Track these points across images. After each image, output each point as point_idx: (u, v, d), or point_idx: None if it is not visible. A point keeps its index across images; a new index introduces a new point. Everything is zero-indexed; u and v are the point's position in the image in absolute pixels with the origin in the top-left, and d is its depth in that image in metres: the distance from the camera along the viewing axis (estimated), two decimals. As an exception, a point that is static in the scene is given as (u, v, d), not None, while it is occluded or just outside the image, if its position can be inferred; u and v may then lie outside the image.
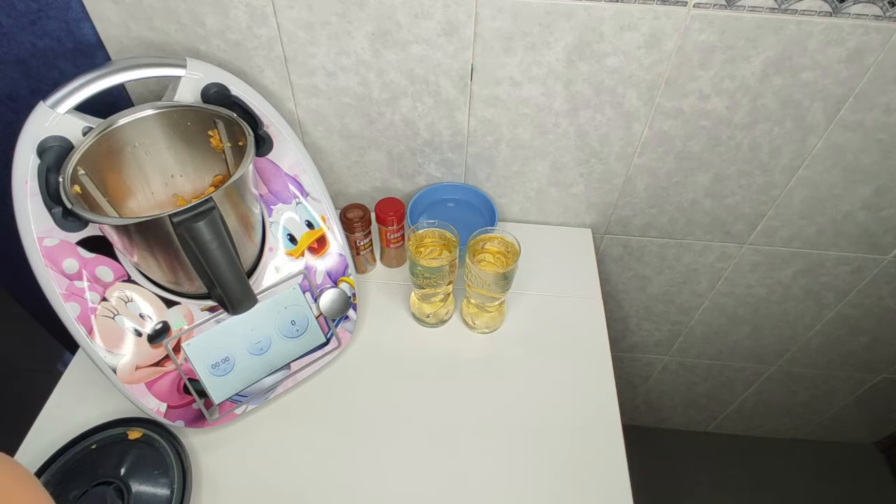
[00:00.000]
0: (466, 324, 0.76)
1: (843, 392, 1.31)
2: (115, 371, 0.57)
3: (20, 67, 0.70)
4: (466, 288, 0.71)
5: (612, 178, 0.82)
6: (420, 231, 0.70)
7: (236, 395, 0.64)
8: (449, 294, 0.75)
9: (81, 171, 0.52)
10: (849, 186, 0.80)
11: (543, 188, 0.85)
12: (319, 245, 0.67)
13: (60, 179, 0.50)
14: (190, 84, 0.59)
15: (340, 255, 0.69)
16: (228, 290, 0.51)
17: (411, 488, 0.62)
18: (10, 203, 0.52)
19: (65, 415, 0.65)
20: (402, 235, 0.78)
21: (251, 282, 0.59)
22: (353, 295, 0.71)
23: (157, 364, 0.59)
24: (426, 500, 0.61)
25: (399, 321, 0.77)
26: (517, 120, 0.74)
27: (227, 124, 0.58)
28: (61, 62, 0.70)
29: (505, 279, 0.67)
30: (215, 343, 0.61)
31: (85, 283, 0.55)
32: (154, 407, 0.60)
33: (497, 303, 0.73)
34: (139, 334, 0.57)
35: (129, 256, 0.55)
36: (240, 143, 0.56)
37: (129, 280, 0.57)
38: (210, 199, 0.48)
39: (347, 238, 0.72)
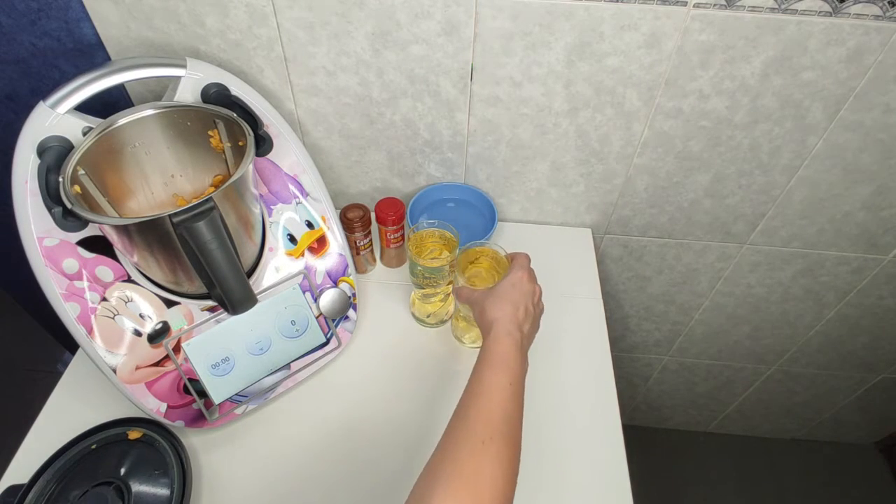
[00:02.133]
0: (458, 339, 0.75)
1: (843, 392, 1.31)
2: (115, 371, 0.57)
3: (20, 67, 0.70)
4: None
5: (612, 178, 0.82)
6: (420, 231, 0.70)
7: (236, 395, 0.64)
8: (449, 294, 0.75)
9: (81, 171, 0.52)
10: (849, 186, 0.80)
11: (543, 188, 0.85)
12: (319, 245, 0.67)
13: (60, 179, 0.50)
14: (190, 84, 0.59)
15: (340, 255, 0.69)
16: (228, 290, 0.51)
17: (412, 488, 0.62)
18: (10, 203, 0.52)
19: (65, 415, 0.65)
20: (402, 235, 0.78)
21: (251, 282, 0.59)
22: (353, 295, 0.71)
23: (157, 364, 0.59)
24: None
25: (399, 321, 0.77)
26: (517, 120, 0.74)
27: (227, 124, 0.58)
28: (61, 62, 0.70)
29: None
30: (215, 343, 0.61)
31: (85, 283, 0.55)
32: (154, 407, 0.60)
33: None
34: (139, 334, 0.57)
35: (129, 256, 0.55)
36: (240, 143, 0.56)
37: (129, 280, 0.57)
38: (210, 199, 0.48)
39: (347, 238, 0.72)
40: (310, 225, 0.66)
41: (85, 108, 0.55)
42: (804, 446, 1.54)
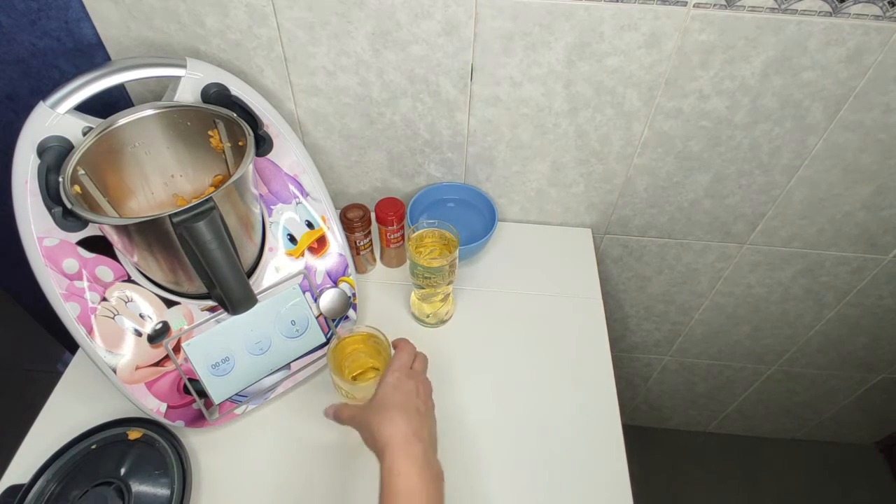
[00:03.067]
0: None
1: (843, 392, 1.31)
2: (115, 371, 0.57)
3: (20, 67, 0.70)
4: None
5: (612, 178, 0.82)
6: (420, 231, 0.70)
7: (236, 395, 0.64)
8: (449, 294, 0.75)
9: (81, 171, 0.52)
10: (849, 186, 0.80)
11: (543, 188, 0.85)
12: (319, 245, 0.67)
13: (60, 179, 0.50)
14: (190, 84, 0.59)
15: (340, 255, 0.69)
16: (228, 290, 0.51)
17: (411, 488, 0.62)
18: (10, 203, 0.52)
19: (65, 415, 0.65)
20: (402, 235, 0.78)
21: (251, 282, 0.59)
22: (353, 295, 0.71)
23: (157, 364, 0.59)
24: (426, 500, 0.61)
25: (399, 321, 0.77)
26: (517, 120, 0.74)
27: (227, 124, 0.58)
28: (61, 62, 0.70)
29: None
30: (215, 343, 0.61)
31: (85, 283, 0.55)
32: (154, 407, 0.60)
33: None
34: (139, 334, 0.57)
35: (129, 256, 0.55)
36: (240, 143, 0.56)
37: (129, 280, 0.57)
38: (210, 199, 0.48)
39: (347, 238, 0.72)
40: (310, 225, 0.66)
41: (85, 108, 0.55)
42: (804, 446, 1.54)
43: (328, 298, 0.67)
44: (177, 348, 0.59)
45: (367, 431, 0.50)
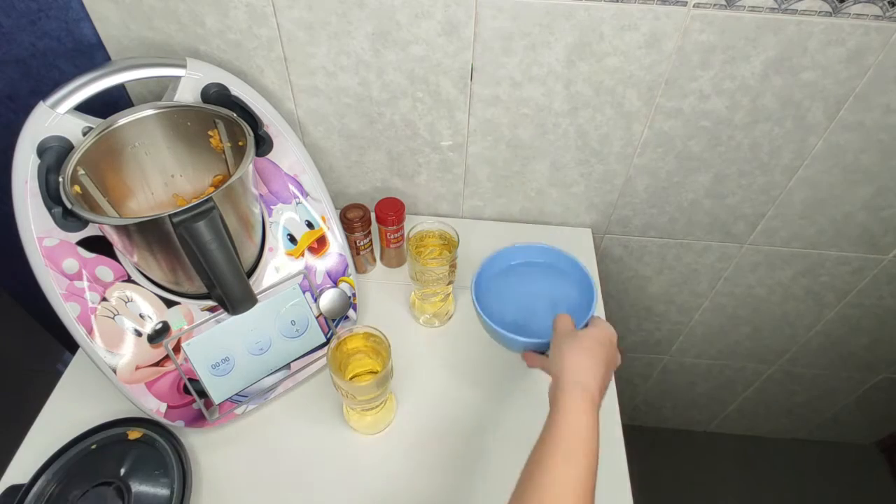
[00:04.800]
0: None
1: (843, 392, 1.31)
2: (115, 371, 0.57)
3: (20, 67, 0.70)
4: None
5: (612, 178, 0.82)
6: (420, 231, 0.70)
7: (236, 395, 0.64)
8: (449, 294, 0.75)
9: (81, 171, 0.52)
10: (849, 186, 0.80)
11: (543, 188, 0.85)
12: (319, 245, 0.67)
13: (60, 179, 0.50)
14: (190, 84, 0.59)
15: (340, 255, 0.69)
16: (228, 290, 0.51)
17: (410, 488, 0.62)
18: (10, 203, 0.52)
19: (65, 415, 0.65)
20: (402, 235, 0.78)
21: (251, 282, 0.59)
22: (353, 295, 0.71)
23: (157, 364, 0.59)
24: (424, 500, 0.61)
25: (399, 321, 0.77)
26: (517, 120, 0.74)
27: (227, 124, 0.58)
28: (61, 62, 0.70)
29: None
30: (215, 343, 0.61)
31: (85, 283, 0.55)
32: (154, 407, 0.60)
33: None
34: (139, 334, 0.57)
35: (129, 256, 0.55)
36: (240, 143, 0.56)
37: (129, 280, 0.57)
38: (210, 199, 0.48)
39: (347, 238, 0.72)
40: (310, 225, 0.66)
41: (85, 108, 0.55)
42: (804, 446, 1.54)
43: (328, 298, 0.67)
44: (177, 348, 0.59)
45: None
